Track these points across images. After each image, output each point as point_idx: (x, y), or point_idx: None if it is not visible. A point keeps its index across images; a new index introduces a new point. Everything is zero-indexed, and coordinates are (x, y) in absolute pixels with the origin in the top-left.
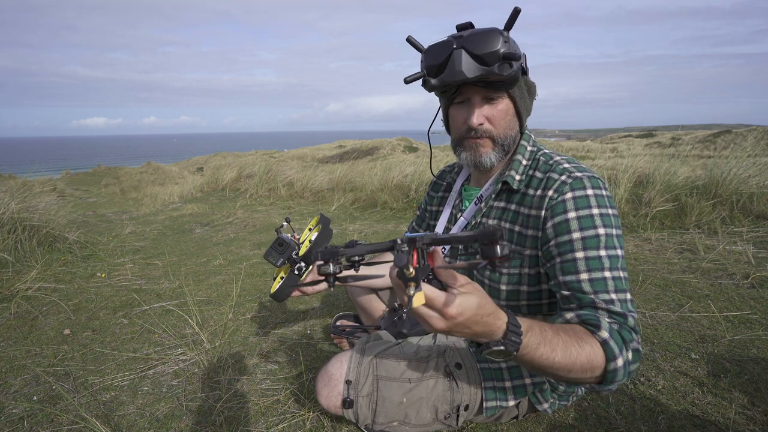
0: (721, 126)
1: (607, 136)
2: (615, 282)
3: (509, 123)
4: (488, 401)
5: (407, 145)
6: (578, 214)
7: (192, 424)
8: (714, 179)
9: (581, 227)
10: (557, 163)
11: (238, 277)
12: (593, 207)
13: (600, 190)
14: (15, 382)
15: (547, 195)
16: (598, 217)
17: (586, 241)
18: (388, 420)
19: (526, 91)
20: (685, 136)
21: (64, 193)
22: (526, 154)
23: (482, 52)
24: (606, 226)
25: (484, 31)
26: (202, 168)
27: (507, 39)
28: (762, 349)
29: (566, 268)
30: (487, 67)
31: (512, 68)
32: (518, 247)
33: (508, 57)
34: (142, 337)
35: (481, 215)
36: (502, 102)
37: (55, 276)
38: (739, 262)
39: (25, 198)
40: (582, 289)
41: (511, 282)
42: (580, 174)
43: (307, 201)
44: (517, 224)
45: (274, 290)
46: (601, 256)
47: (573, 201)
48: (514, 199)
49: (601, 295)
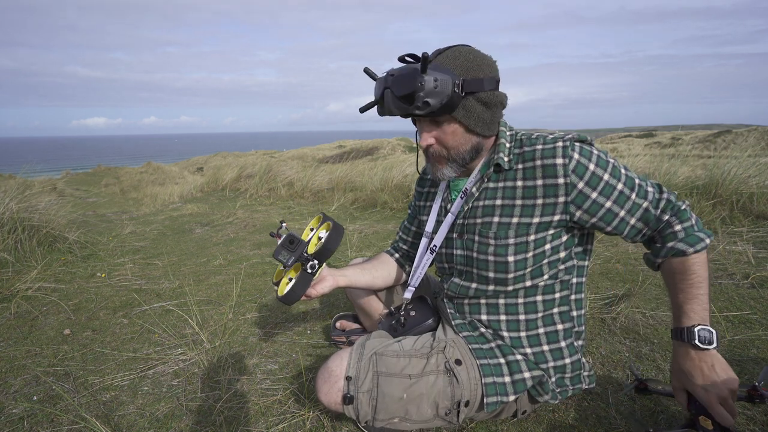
0: (721, 126)
1: (607, 136)
2: (654, 197)
3: (460, 141)
4: (489, 397)
5: (407, 145)
6: (597, 167)
7: (192, 424)
8: (714, 179)
9: (611, 173)
10: (541, 135)
11: (238, 277)
12: (599, 156)
13: (590, 146)
14: (15, 382)
15: (556, 163)
16: (611, 163)
17: (626, 183)
18: (389, 416)
19: (480, 107)
20: (685, 136)
21: (64, 193)
22: (507, 137)
23: (401, 94)
24: (619, 166)
25: (402, 75)
26: (202, 168)
27: (424, 81)
28: (762, 349)
29: (633, 210)
30: (407, 106)
31: (429, 105)
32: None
33: (421, 98)
34: (142, 337)
35: (473, 200)
36: (448, 124)
37: (55, 276)
38: (739, 262)
39: (25, 198)
40: (649, 218)
41: (519, 251)
42: (568, 136)
43: (307, 201)
44: (518, 198)
45: (284, 292)
46: (639, 184)
47: (581, 157)
48: (507, 177)
49: (660, 213)
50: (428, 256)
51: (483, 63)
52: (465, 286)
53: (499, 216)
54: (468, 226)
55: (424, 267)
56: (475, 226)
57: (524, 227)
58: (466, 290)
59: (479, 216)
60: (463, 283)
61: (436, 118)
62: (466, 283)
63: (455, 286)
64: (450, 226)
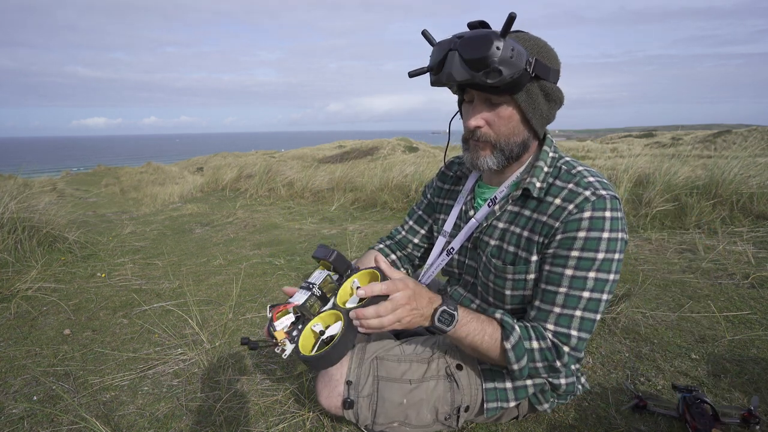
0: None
1: (607, 136)
2: (582, 322)
3: (512, 129)
4: (489, 402)
5: (407, 145)
6: (588, 235)
7: (192, 424)
8: (714, 179)
9: (583, 247)
10: (581, 174)
11: (238, 277)
12: (605, 230)
13: (617, 212)
14: (15, 382)
15: (567, 208)
16: (605, 241)
17: (580, 261)
18: (389, 421)
19: (542, 97)
20: (685, 136)
21: (64, 193)
22: (548, 160)
23: (470, 57)
24: (608, 251)
25: (477, 36)
26: (202, 168)
27: (501, 46)
28: (762, 349)
29: (551, 279)
30: (475, 72)
31: (501, 75)
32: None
33: (495, 64)
34: (142, 337)
35: (493, 218)
36: (506, 107)
37: (55, 276)
38: (739, 262)
39: (24, 198)
40: (546, 318)
41: (516, 288)
42: (604, 192)
43: (307, 201)
44: (527, 229)
45: (314, 352)
46: (587, 283)
47: (589, 221)
48: (530, 205)
49: (561, 329)
50: (444, 257)
51: (552, 53)
52: (469, 299)
53: (507, 243)
54: (482, 242)
55: (437, 267)
56: (487, 246)
57: (523, 264)
58: (469, 303)
59: (494, 237)
60: (467, 295)
61: (492, 98)
62: (470, 296)
63: (458, 296)
64: (469, 234)
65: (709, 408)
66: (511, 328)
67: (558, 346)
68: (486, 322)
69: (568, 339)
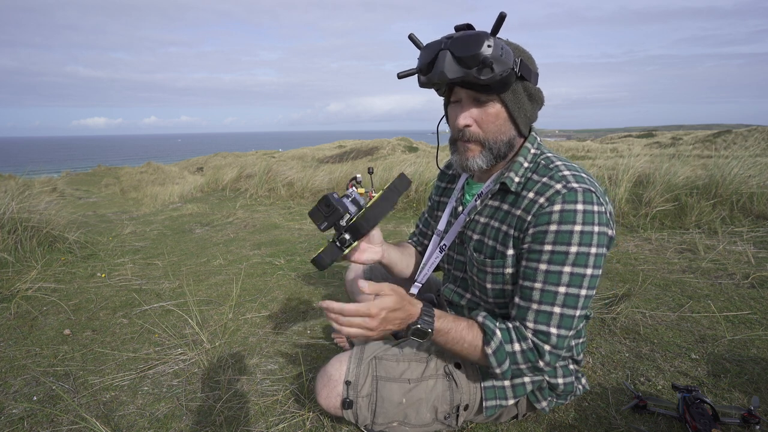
0: (721, 126)
1: (607, 136)
2: (561, 319)
3: (500, 127)
4: (488, 401)
5: (407, 145)
6: (559, 228)
7: (192, 424)
8: (714, 179)
9: (555, 241)
10: (557, 168)
11: (238, 277)
12: (576, 223)
13: (591, 206)
14: (15, 382)
15: (538, 201)
16: (577, 234)
17: (553, 255)
18: (388, 420)
19: (525, 97)
20: (685, 136)
21: (64, 193)
22: (529, 156)
23: (463, 54)
24: (582, 245)
25: (468, 35)
26: (202, 168)
27: (492, 44)
28: (762, 349)
29: (527, 274)
30: (468, 70)
31: (493, 72)
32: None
33: (488, 61)
34: (142, 337)
35: (475, 213)
36: (493, 106)
37: (55, 276)
38: (739, 262)
39: (25, 198)
40: (525, 316)
41: (496, 281)
42: (576, 185)
43: (307, 201)
44: (504, 223)
45: (315, 256)
46: (562, 278)
47: (559, 214)
48: (508, 200)
49: (540, 326)
50: (437, 254)
51: (531, 57)
52: (459, 294)
53: (487, 237)
54: (466, 237)
55: (432, 265)
56: (470, 240)
57: (500, 258)
58: (460, 298)
59: (476, 231)
60: (457, 290)
61: (480, 97)
62: (461, 291)
63: (449, 291)
64: (458, 230)
65: (709, 408)
66: (492, 333)
67: (539, 345)
68: (466, 329)
69: (548, 337)
